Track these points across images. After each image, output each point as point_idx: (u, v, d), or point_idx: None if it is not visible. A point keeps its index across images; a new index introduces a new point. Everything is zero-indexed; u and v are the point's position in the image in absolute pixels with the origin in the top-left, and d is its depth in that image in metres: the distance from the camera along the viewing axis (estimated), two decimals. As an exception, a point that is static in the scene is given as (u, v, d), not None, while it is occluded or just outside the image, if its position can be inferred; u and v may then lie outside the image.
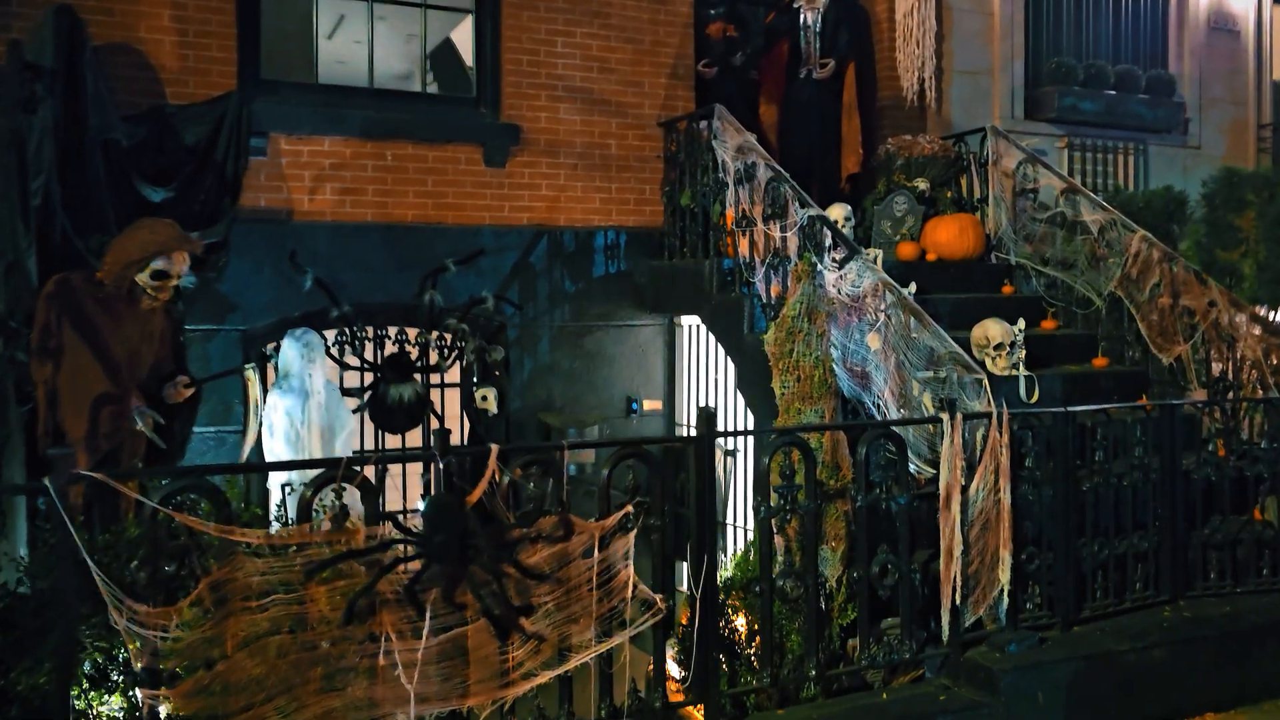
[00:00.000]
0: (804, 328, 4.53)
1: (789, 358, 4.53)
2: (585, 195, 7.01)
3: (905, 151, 7.48)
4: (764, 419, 5.66)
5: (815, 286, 4.66)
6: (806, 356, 4.50)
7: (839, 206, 5.89)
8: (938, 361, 4.54)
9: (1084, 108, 8.57)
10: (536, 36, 6.86)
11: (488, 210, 6.75)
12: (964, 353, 4.63)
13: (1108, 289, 6.40)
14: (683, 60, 7.32)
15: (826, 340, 4.68)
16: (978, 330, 4.32)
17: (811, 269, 4.72)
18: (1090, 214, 6.53)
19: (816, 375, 4.49)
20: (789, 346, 4.53)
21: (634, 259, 7.15)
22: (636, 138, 7.16)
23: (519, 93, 6.83)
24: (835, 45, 7.91)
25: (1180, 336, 5.95)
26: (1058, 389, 6.03)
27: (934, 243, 7.19)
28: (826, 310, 4.64)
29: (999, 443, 4.26)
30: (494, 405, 6.52)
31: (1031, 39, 8.69)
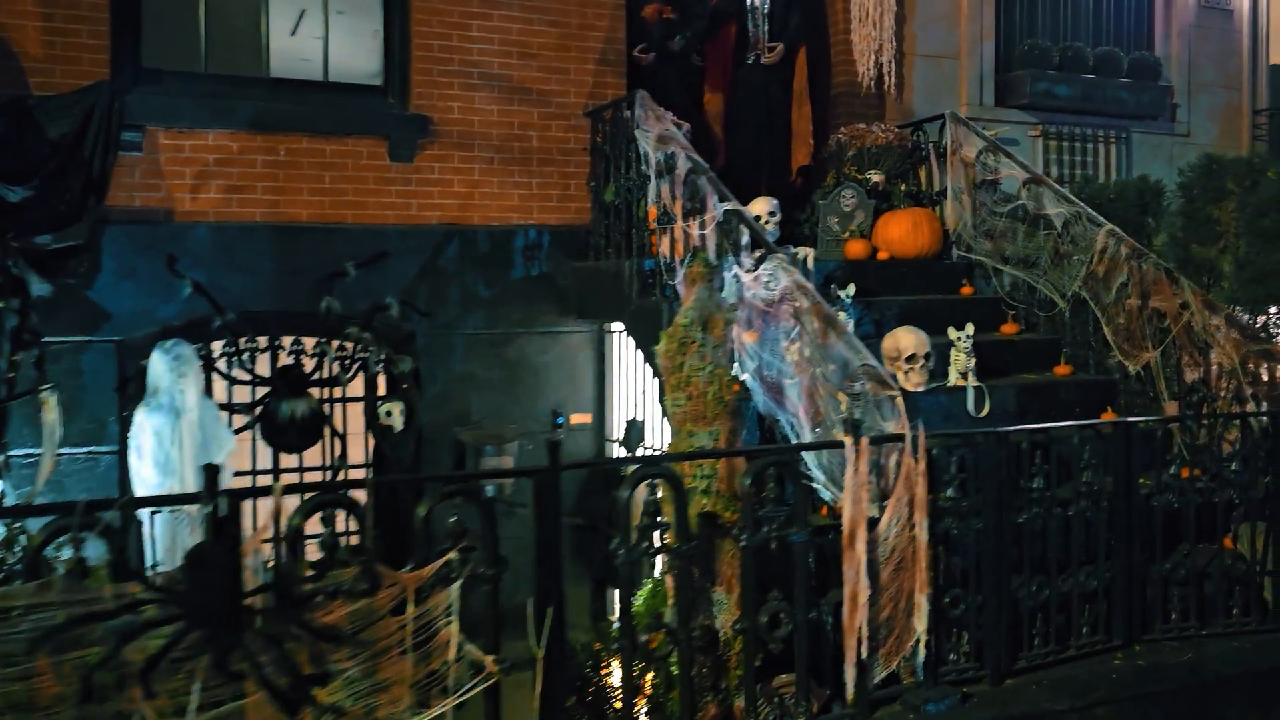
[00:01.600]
0: (697, 337, 4.00)
1: (679, 372, 4.00)
2: (503, 191, 6.50)
3: (857, 141, 6.94)
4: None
5: (712, 291, 4.13)
6: (700, 371, 3.97)
7: (763, 201, 5.36)
8: (851, 376, 4.00)
9: (1059, 93, 8.00)
10: (449, 20, 6.35)
11: (393, 208, 6.25)
12: (879, 365, 4.09)
13: (1071, 289, 5.85)
14: (613, 45, 6.80)
15: (727, 352, 4.15)
16: (888, 341, 3.79)
17: (707, 271, 4.20)
18: (1054, 207, 5.97)
19: (710, 392, 3.96)
20: (680, 359, 4.00)
21: (558, 260, 6.63)
22: (561, 129, 6.64)
23: (429, 81, 6.32)
24: (785, 28, 7.38)
25: (1149, 342, 5.40)
26: (1011, 402, 5.49)
27: (885, 240, 6.64)
28: (728, 318, 4.10)
29: (914, 470, 3.72)
30: (399, 421, 6.01)
31: (1003, 20, 8.13)
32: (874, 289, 6.32)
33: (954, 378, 5.43)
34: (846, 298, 5.56)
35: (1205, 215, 5.56)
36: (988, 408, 5.37)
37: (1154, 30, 8.78)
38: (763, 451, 3.71)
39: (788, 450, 3.62)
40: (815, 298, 4.31)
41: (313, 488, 3.10)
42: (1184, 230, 5.68)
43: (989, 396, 5.38)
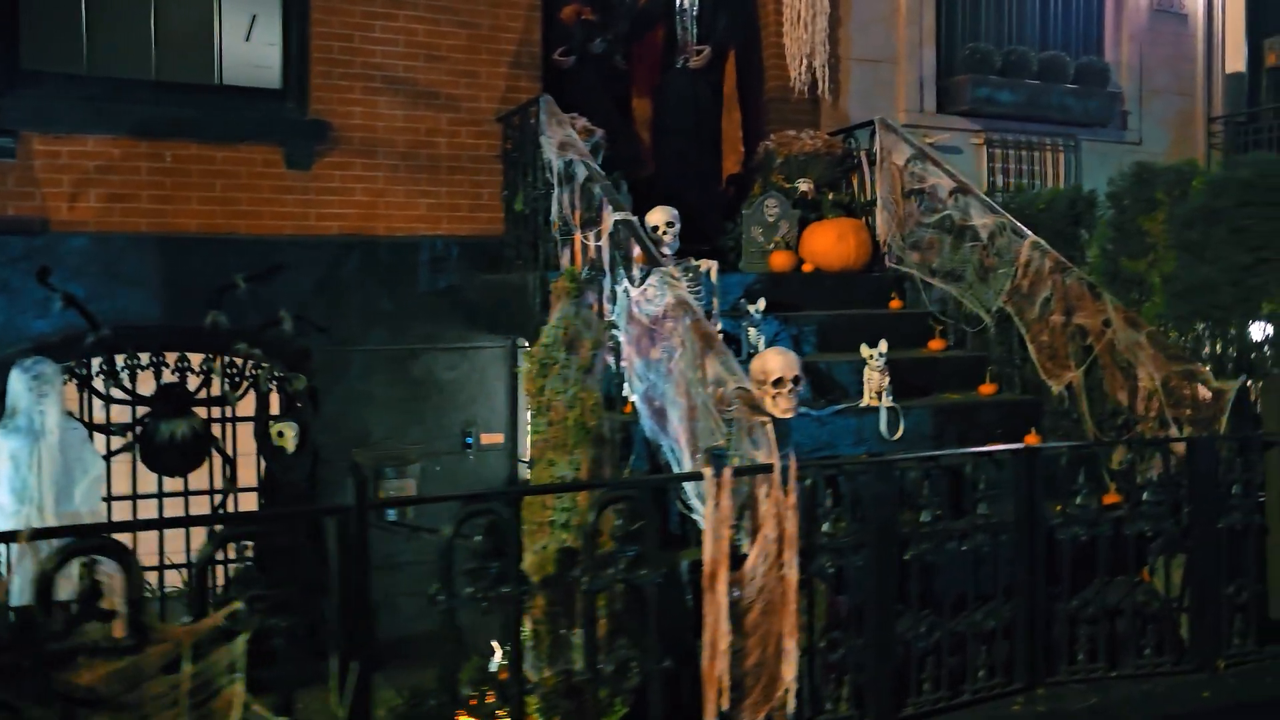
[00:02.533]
0: (559, 358, 3.70)
1: (540, 395, 3.70)
2: (409, 200, 6.20)
3: (785, 149, 6.66)
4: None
5: (581, 307, 3.83)
6: (561, 394, 3.67)
7: (661, 210, 5.07)
8: (725, 399, 3.69)
9: (1002, 99, 7.72)
10: (350, 20, 6.06)
11: (289, 218, 5.95)
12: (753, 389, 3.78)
13: (996, 304, 5.56)
14: (527, 48, 6.51)
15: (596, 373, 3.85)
16: (756, 363, 3.49)
17: (574, 286, 3.89)
18: (980, 217, 5.69)
19: (572, 417, 3.66)
20: (540, 382, 3.70)
21: (468, 273, 6.33)
22: (472, 135, 6.34)
23: (329, 85, 6.02)
24: (713, 30, 7.10)
25: (1072, 361, 5.10)
26: (928, 424, 5.20)
27: (810, 252, 6.36)
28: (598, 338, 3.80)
29: (783, 504, 3.42)
30: (292, 442, 5.71)
31: (944, 23, 7.85)
32: (797, 303, 6.04)
33: (867, 398, 5.15)
34: (756, 313, 5.28)
35: (1135, 227, 5.28)
36: (901, 430, 5.08)
37: (1104, 35, 8.51)
38: (605, 485, 3.40)
39: (635, 484, 3.30)
40: (696, 314, 4.01)
41: (75, 530, 2.78)
42: (1114, 243, 5.39)
43: (904, 418, 5.10)
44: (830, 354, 5.61)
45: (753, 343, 5.33)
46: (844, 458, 4.65)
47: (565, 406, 3.66)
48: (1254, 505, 4.27)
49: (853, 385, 5.27)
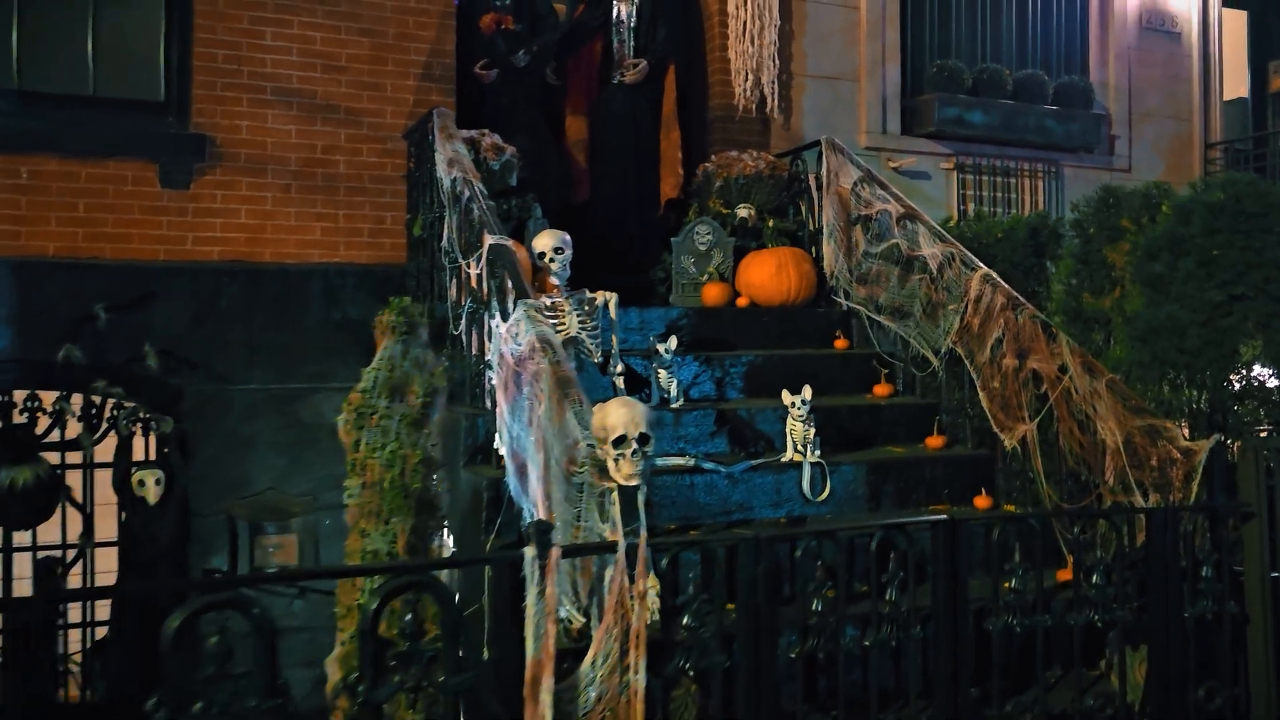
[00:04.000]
0: (379, 407, 3.08)
1: (355, 451, 3.08)
2: (301, 224, 5.63)
3: (724, 171, 6.06)
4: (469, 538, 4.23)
5: (410, 347, 3.23)
6: (379, 451, 3.06)
7: (549, 235, 4.47)
8: (574, 459, 3.07)
9: (973, 120, 7.11)
10: (238, 26, 5.52)
11: (163, 242, 5.38)
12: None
13: (945, 344, 4.92)
14: (440, 58, 5.96)
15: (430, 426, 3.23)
16: (596, 416, 2.87)
17: (402, 321, 3.29)
18: (928, 247, 5.06)
19: (389, 478, 3.05)
20: (356, 435, 3.09)
21: (367, 305, 5.71)
22: (374, 153, 5.78)
23: (213, 96, 5.48)
24: (652, 42, 6.54)
25: (1025, 412, 4.45)
26: (861, 482, 4.55)
27: (747, 284, 5.74)
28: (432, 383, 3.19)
29: (627, 591, 2.78)
30: (154, 492, 5.12)
31: (909, 38, 7.26)
32: (729, 341, 5.43)
33: (790, 452, 4.51)
34: (666, 352, 4.65)
35: (1100, 258, 4.65)
36: (828, 490, 4.43)
37: (1088, 53, 7.90)
38: (387, 569, 2.76)
39: (422, 567, 2.67)
40: (556, 356, 3.40)
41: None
42: (1077, 276, 4.76)
43: (833, 475, 4.46)
44: (760, 399, 4.99)
45: (664, 387, 4.71)
46: (715, 531, 4.03)
47: (382, 465, 3.05)
48: (1228, 590, 3.61)
49: (779, 436, 4.64)
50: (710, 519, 4.29)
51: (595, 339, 4.34)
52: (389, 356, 3.16)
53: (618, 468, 2.85)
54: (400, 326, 3.27)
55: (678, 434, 4.60)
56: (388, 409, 3.08)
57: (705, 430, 4.65)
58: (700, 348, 5.28)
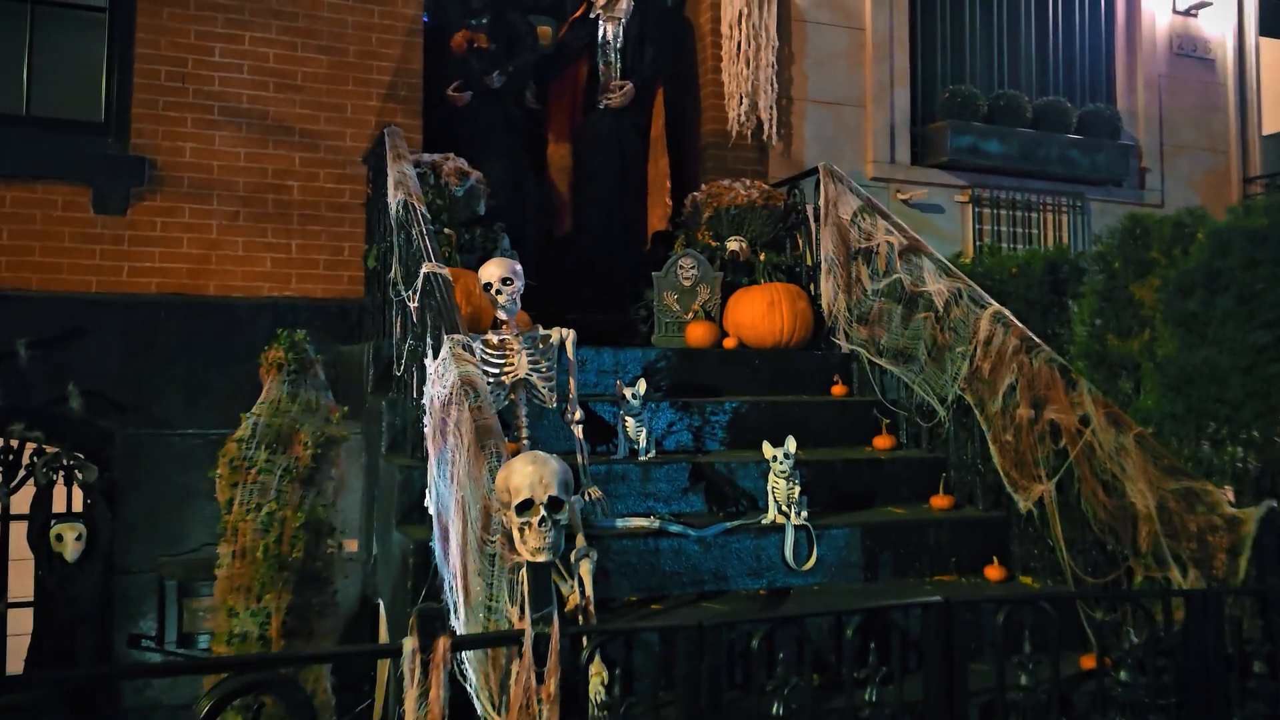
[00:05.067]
0: (258, 460, 2.60)
1: (228, 512, 2.59)
2: (250, 254, 5.20)
3: (714, 201, 5.59)
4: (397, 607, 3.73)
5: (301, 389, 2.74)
6: (252, 515, 2.56)
7: (497, 264, 3.96)
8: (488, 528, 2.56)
9: (989, 150, 6.61)
10: (183, 41, 5.14)
11: (96, 273, 4.96)
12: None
13: (953, 391, 4.38)
14: (406, 78, 5.55)
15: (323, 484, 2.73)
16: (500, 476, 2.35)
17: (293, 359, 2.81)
18: (934, 282, 4.55)
19: (263, 546, 2.54)
20: (230, 494, 2.59)
21: (322, 343, 5.22)
22: (332, 178, 5.36)
23: (155, 115, 5.08)
24: (640, 64, 6.12)
25: (1042, 470, 3.89)
26: (855, 548, 4.00)
27: (735, 323, 5.24)
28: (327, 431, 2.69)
29: (534, 692, 2.26)
30: (74, 548, 4.64)
31: (920, 62, 6.80)
32: (712, 386, 4.92)
33: (772, 513, 3.97)
34: (634, 398, 4.15)
35: (1126, 296, 4.12)
36: (814, 558, 3.89)
37: (1114, 79, 7.40)
38: (223, 665, 2.25)
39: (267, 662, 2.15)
40: (478, 400, 2.90)
41: None
42: (1101, 316, 4.22)
43: (821, 540, 3.91)
44: (743, 452, 4.46)
45: (632, 437, 4.20)
46: (683, 604, 3.49)
47: (258, 529, 2.55)
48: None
49: (764, 494, 4.11)
50: (678, 590, 3.75)
51: (550, 382, 3.84)
52: (274, 400, 2.68)
53: (523, 540, 2.33)
54: (289, 364, 2.79)
55: (645, 490, 4.08)
56: (268, 462, 2.60)
57: (678, 486, 4.13)
58: (680, 393, 4.78)
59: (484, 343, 3.82)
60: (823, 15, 6.43)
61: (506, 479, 2.36)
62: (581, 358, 4.70)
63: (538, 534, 2.28)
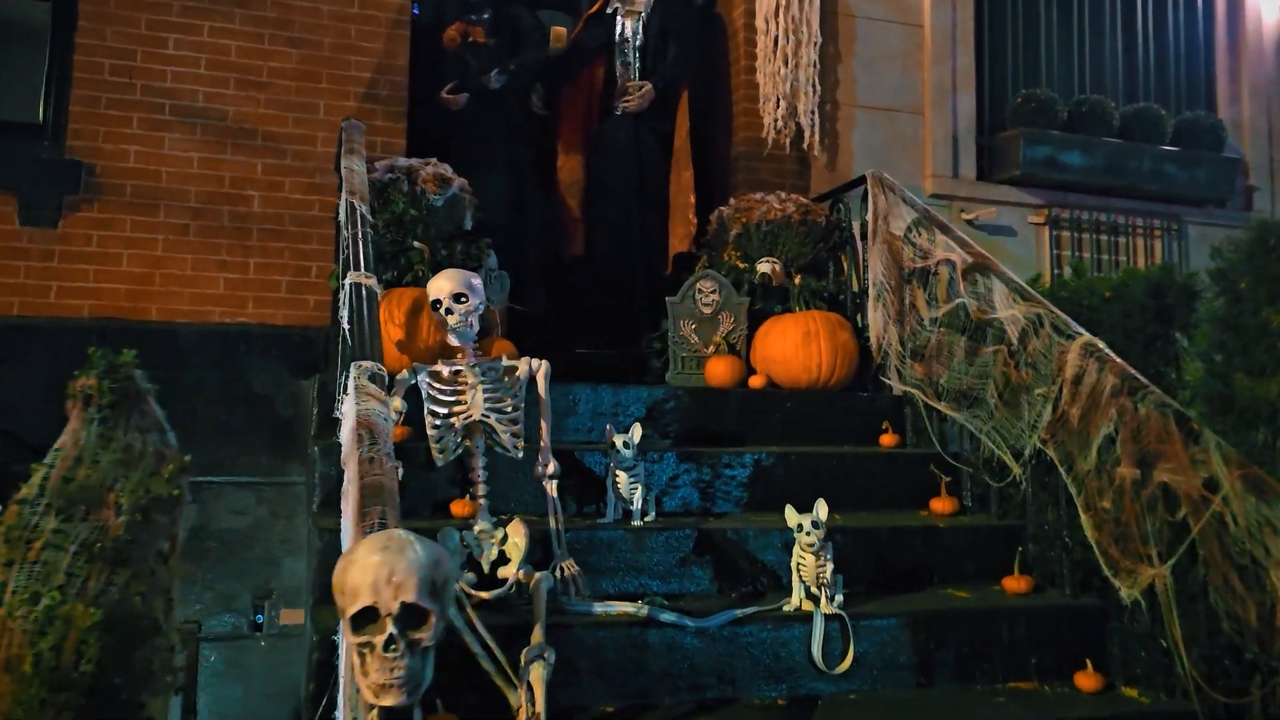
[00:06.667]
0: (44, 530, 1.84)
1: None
2: (200, 274, 4.52)
3: (743, 216, 4.79)
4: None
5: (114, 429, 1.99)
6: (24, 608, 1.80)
7: (449, 277, 3.08)
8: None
9: (1069, 162, 5.73)
10: (132, 32, 4.52)
11: (18, 293, 4.32)
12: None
13: (1030, 444, 3.50)
14: (389, 75, 4.87)
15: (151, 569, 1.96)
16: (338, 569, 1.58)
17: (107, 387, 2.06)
18: (1006, 308, 3.69)
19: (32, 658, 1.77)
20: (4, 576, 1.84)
21: (279, 377, 4.57)
22: (299, 188, 4.68)
23: (95, 114, 4.45)
24: (661, 63, 5.38)
25: (1153, 548, 3.00)
26: (905, 645, 3.13)
27: (765, 358, 4.42)
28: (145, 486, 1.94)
29: None
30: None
31: (988, 63, 5.96)
32: (733, 433, 4.11)
33: (796, 596, 3.12)
34: (625, 448, 3.33)
35: (1259, 324, 3.24)
36: (851, 657, 3.02)
37: (1214, 86, 6.48)
38: None
39: None
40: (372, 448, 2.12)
41: None
42: (1224, 350, 3.33)
43: (859, 634, 3.06)
44: (764, 516, 3.62)
45: (624, 495, 3.38)
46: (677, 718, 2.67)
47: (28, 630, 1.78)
48: None
49: (786, 570, 3.27)
50: (671, 697, 2.92)
51: (515, 425, 3.05)
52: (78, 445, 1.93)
53: (363, 669, 1.53)
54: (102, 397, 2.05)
55: (636, 563, 3.26)
56: (58, 533, 1.84)
57: (678, 558, 3.30)
58: (691, 441, 3.97)
59: (431, 375, 3.05)
60: (874, 9, 5.64)
61: (343, 574, 1.57)
62: (574, 397, 3.94)
63: (383, 663, 1.48)
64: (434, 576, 1.56)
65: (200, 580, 4.42)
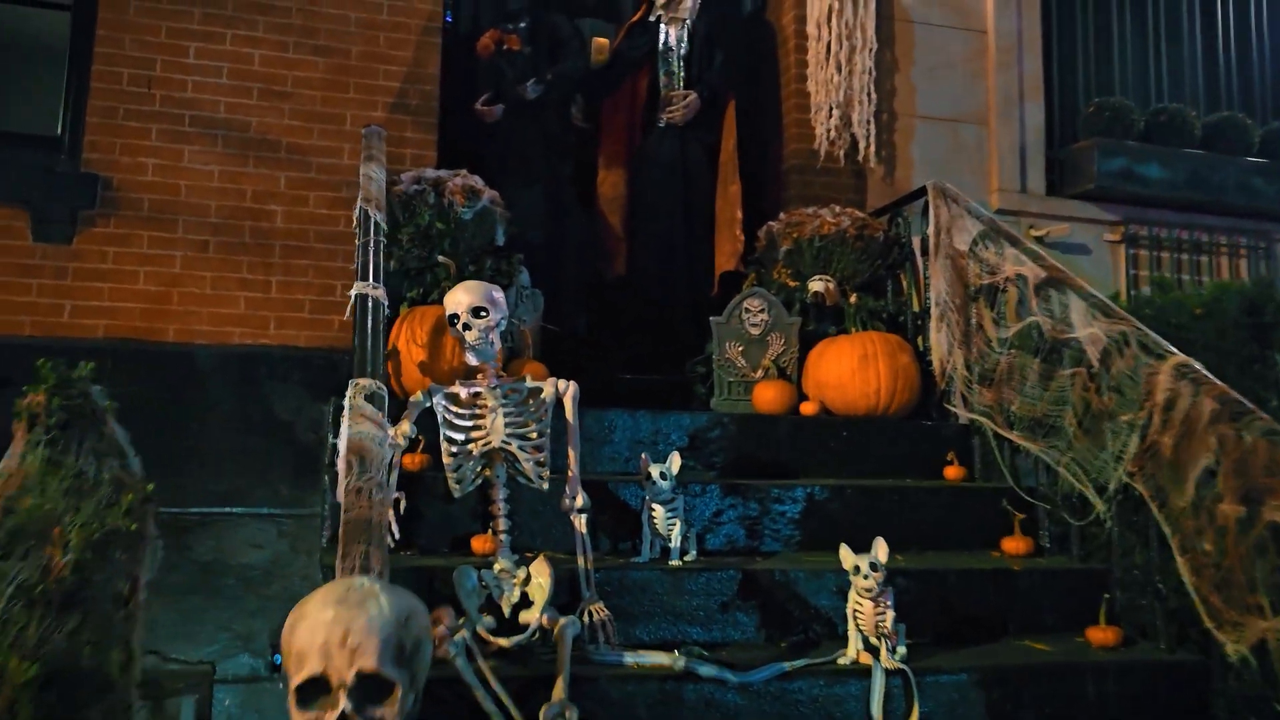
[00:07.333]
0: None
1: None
2: (220, 293, 4.33)
3: (794, 231, 4.52)
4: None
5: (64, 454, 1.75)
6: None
7: (468, 289, 2.75)
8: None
9: (1147, 175, 5.37)
10: (152, 41, 4.37)
11: (30, 312, 4.15)
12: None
13: (1116, 477, 3.16)
14: (419, 85, 4.67)
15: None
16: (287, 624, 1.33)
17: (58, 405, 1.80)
18: (1085, 325, 3.36)
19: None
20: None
21: (301, 401, 4.36)
22: (324, 202, 4.48)
23: (112, 126, 4.30)
24: (707, 72, 5.14)
25: (1263, 597, 2.64)
26: (977, 706, 2.79)
27: (817, 383, 4.12)
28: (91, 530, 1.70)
29: None
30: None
31: (1056, 71, 5.63)
32: (783, 464, 3.81)
33: (852, 648, 2.81)
34: (662, 479, 3.05)
35: (1382, 341, 2.89)
36: (916, 717, 2.69)
37: (1305, 93, 6.09)
38: None
39: None
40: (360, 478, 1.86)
41: None
42: (1339, 371, 2.99)
43: (925, 690, 2.73)
44: (818, 556, 3.31)
45: (661, 532, 3.10)
46: None
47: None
48: None
49: (841, 617, 2.95)
50: (709, 763, 2.60)
51: (539, 453, 2.78)
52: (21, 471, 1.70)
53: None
54: (49, 417, 1.82)
55: (674, 607, 2.96)
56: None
57: (718, 601, 3.00)
58: (737, 473, 3.68)
59: (448, 397, 2.80)
60: (933, 14, 5.35)
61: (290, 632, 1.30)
62: (610, 424, 3.67)
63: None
64: (401, 638, 1.29)
65: (213, 618, 4.19)
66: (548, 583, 2.67)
